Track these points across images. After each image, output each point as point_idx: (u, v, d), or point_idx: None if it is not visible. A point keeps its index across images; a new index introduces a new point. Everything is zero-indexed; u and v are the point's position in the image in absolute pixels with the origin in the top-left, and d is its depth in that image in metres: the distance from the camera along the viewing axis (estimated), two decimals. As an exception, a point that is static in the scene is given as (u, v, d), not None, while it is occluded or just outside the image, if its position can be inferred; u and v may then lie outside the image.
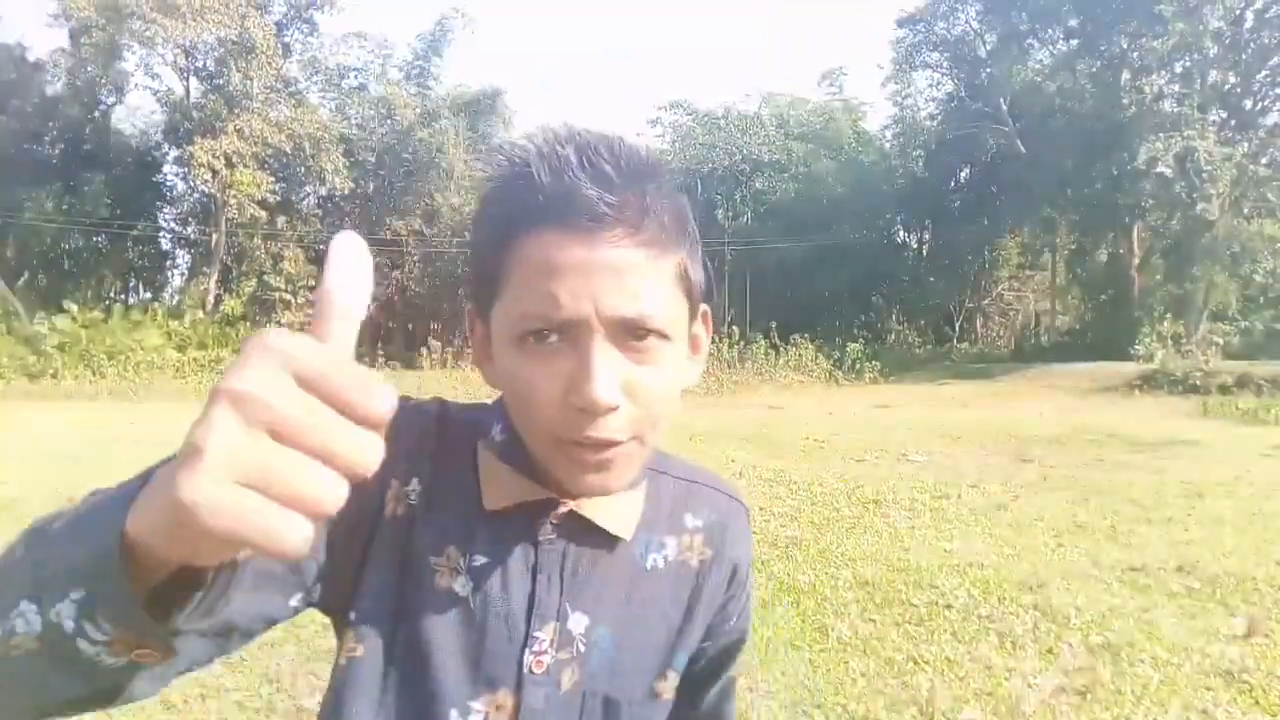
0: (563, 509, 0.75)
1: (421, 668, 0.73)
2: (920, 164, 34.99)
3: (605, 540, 0.78)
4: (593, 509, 0.76)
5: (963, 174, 34.23)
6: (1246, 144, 26.01)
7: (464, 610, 0.74)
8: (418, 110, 31.52)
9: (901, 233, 37.30)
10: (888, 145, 37.93)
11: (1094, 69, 27.79)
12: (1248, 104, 26.73)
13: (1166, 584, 4.57)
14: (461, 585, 0.74)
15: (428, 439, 0.77)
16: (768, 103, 37.84)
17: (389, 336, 31.73)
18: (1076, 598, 4.27)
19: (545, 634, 0.75)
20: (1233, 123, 26.70)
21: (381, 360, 25.15)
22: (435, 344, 25.98)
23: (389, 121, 31.86)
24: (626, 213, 0.65)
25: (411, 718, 0.73)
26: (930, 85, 34.81)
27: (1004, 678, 3.32)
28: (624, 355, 0.66)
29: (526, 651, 0.74)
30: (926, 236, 36.65)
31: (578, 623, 0.76)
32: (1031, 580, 4.56)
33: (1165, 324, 25.79)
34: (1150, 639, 3.73)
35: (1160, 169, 24.88)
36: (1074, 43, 28.64)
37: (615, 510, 0.77)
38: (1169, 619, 4.00)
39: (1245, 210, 26.24)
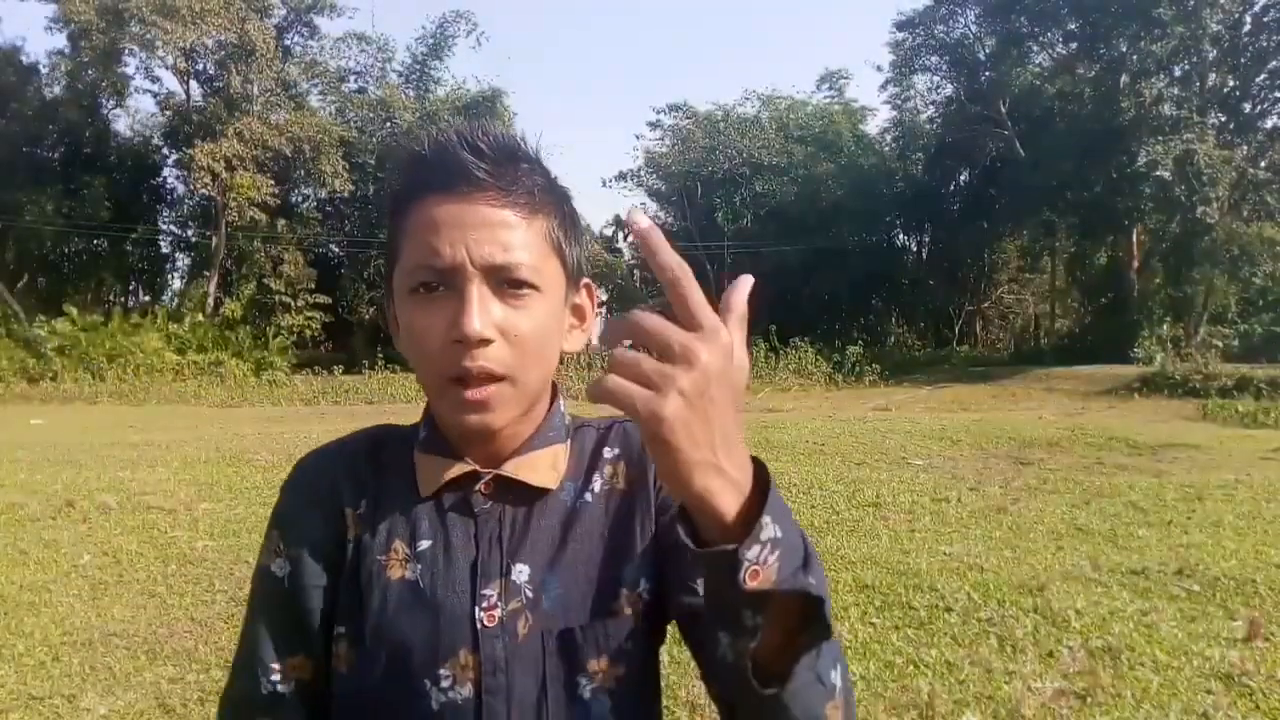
0: (487, 476, 0.83)
1: (391, 655, 0.79)
2: (920, 167, 35.06)
3: (536, 495, 0.84)
4: (516, 469, 0.83)
5: (962, 177, 34.30)
6: (1246, 147, 26.05)
7: (415, 592, 0.81)
8: (417, 113, 31.58)
9: (901, 235, 37.36)
10: (887, 148, 38.01)
11: (1093, 72, 27.83)
12: (1247, 107, 26.77)
13: (1166, 587, 4.56)
14: (411, 571, 0.81)
15: (361, 462, 0.87)
16: (768, 105, 37.90)
17: (389, 339, 31.69)
18: (1076, 601, 4.26)
19: (492, 590, 0.80)
20: (1232, 126, 26.73)
21: (382, 362, 25.13)
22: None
23: (388, 124, 31.90)
24: (498, 178, 0.77)
25: (393, 702, 0.79)
26: (930, 88, 34.95)
27: (1004, 681, 3.32)
28: (499, 301, 0.76)
29: (476, 609, 0.80)
30: (926, 239, 36.71)
31: (520, 573, 0.81)
32: (1031, 583, 4.56)
33: (1165, 327, 25.85)
34: (1150, 642, 3.73)
35: (1159, 172, 24.89)
36: (1073, 46, 28.68)
37: (537, 466, 0.84)
38: (1169, 622, 4.00)
39: (1244, 213, 26.28)
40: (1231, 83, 26.63)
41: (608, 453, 0.90)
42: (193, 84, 31.11)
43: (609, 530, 0.85)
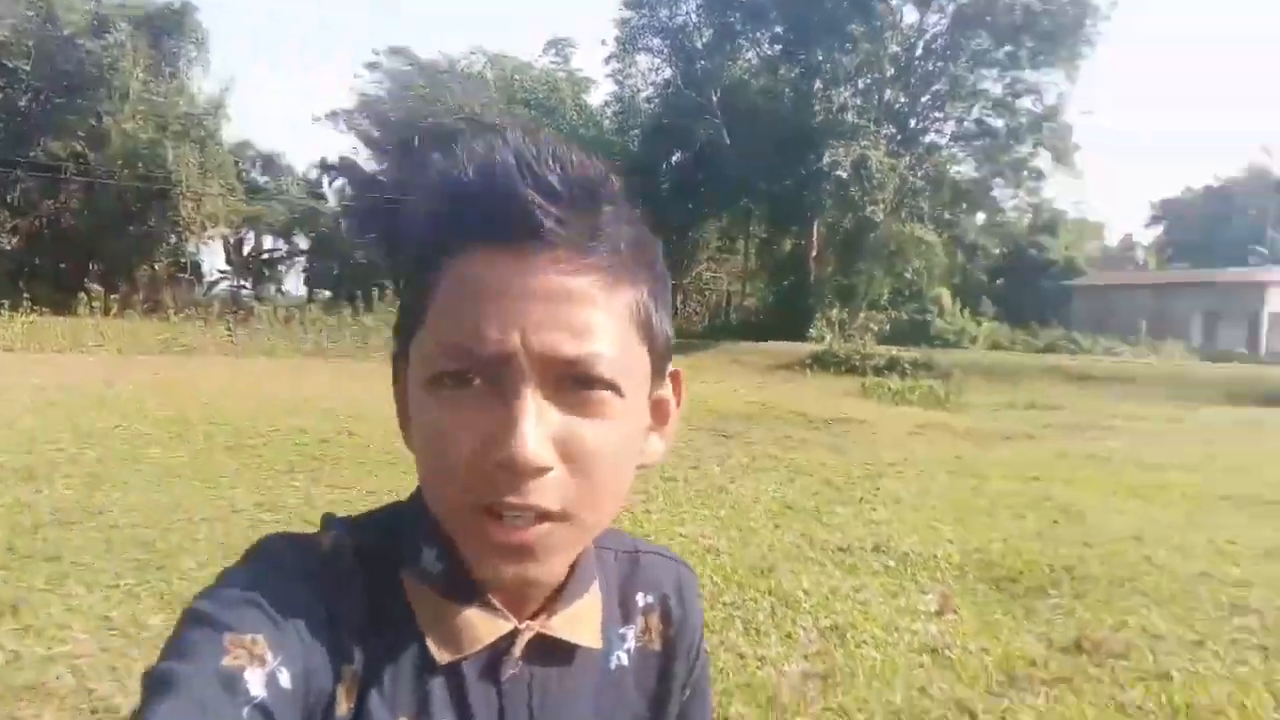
0: (527, 634, 0.63)
1: None
2: (636, 144, 36.35)
3: (571, 652, 0.66)
4: (562, 626, 0.65)
5: (674, 158, 36.09)
6: (908, 157, 29.97)
7: None
8: (88, 17, 27.17)
9: (612, 209, 38.55)
10: (607, 122, 38.94)
11: (793, 75, 30.47)
12: (912, 122, 30.81)
13: (869, 563, 5.14)
14: None
15: (358, 595, 0.60)
16: (494, 64, 37.25)
17: (36, 274, 27.27)
18: (802, 581, 4.68)
19: None
20: (899, 137, 30.63)
21: (27, 303, 21.55)
22: (96, 288, 22.76)
23: (49, 26, 27.14)
24: (572, 230, 0.56)
25: None
26: (651, 69, 36.24)
27: (756, 667, 3.56)
28: (561, 407, 0.55)
29: None
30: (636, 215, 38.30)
31: None
32: (762, 564, 4.93)
33: (834, 311, 29.12)
34: (867, 619, 4.18)
35: (839, 172, 27.93)
36: (778, 48, 31.19)
37: (582, 618, 0.66)
38: (877, 598, 4.51)
39: (903, 215, 30.28)
40: (902, 99, 30.47)
41: (640, 599, 0.73)
42: None
43: (641, 700, 0.72)
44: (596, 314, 0.56)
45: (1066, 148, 30.58)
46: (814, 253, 32.26)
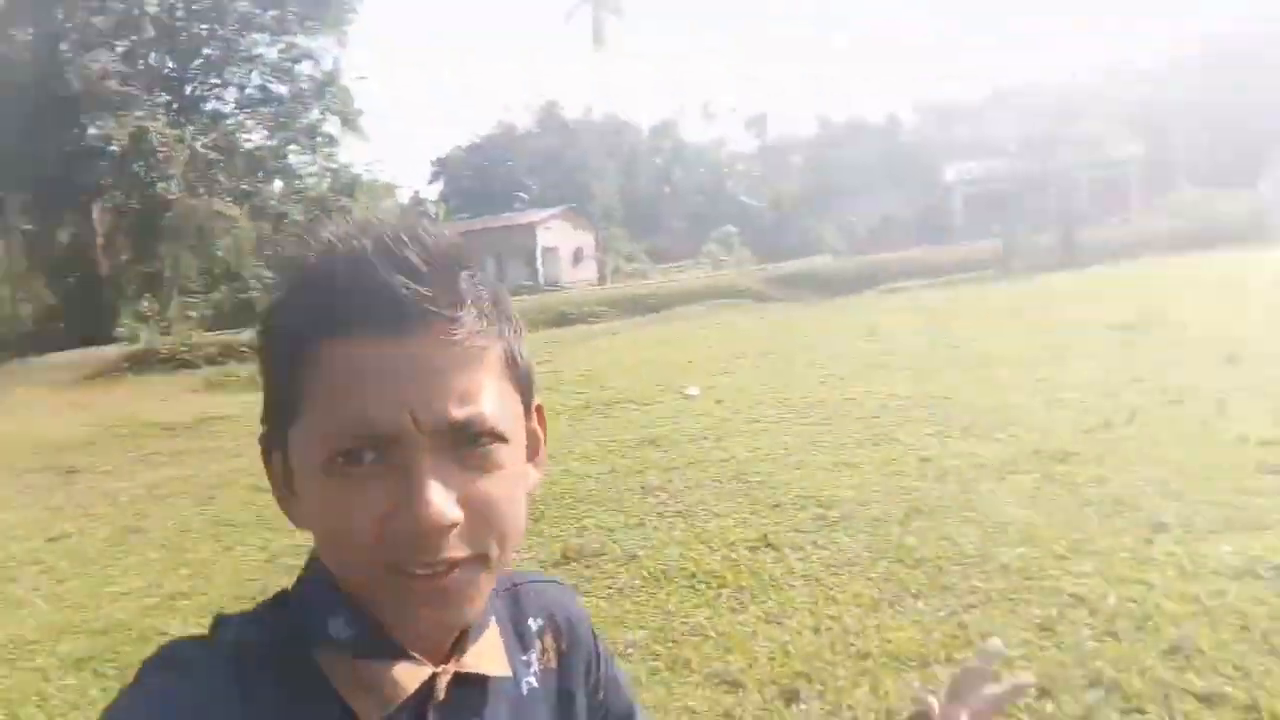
0: (445, 677, 0.65)
1: None
2: None
3: (485, 685, 0.69)
4: (474, 662, 0.67)
5: None
6: (192, 127, 27.79)
7: None
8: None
9: None
10: None
11: (30, 37, 25.55)
12: (189, 89, 28.51)
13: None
14: None
15: (268, 684, 0.60)
16: None
17: None
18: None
19: None
20: (176, 106, 28.15)
21: None
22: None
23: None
24: (441, 304, 0.58)
25: None
26: None
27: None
28: (458, 466, 0.58)
29: None
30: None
31: None
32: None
33: (143, 303, 26.08)
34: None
35: (114, 148, 24.70)
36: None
37: (488, 651, 0.69)
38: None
39: (201, 190, 28.17)
40: (171, 64, 27.92)
41: (532, 624, 0.77)
42: None
43: (561, 718, 0.76)
44: (475, 375, 0.59)
45: (351, 112, 31.70)
46: (100, 241, 28.14)
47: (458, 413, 0.58)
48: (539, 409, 0.70)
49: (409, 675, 0.63)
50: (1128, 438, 5.45)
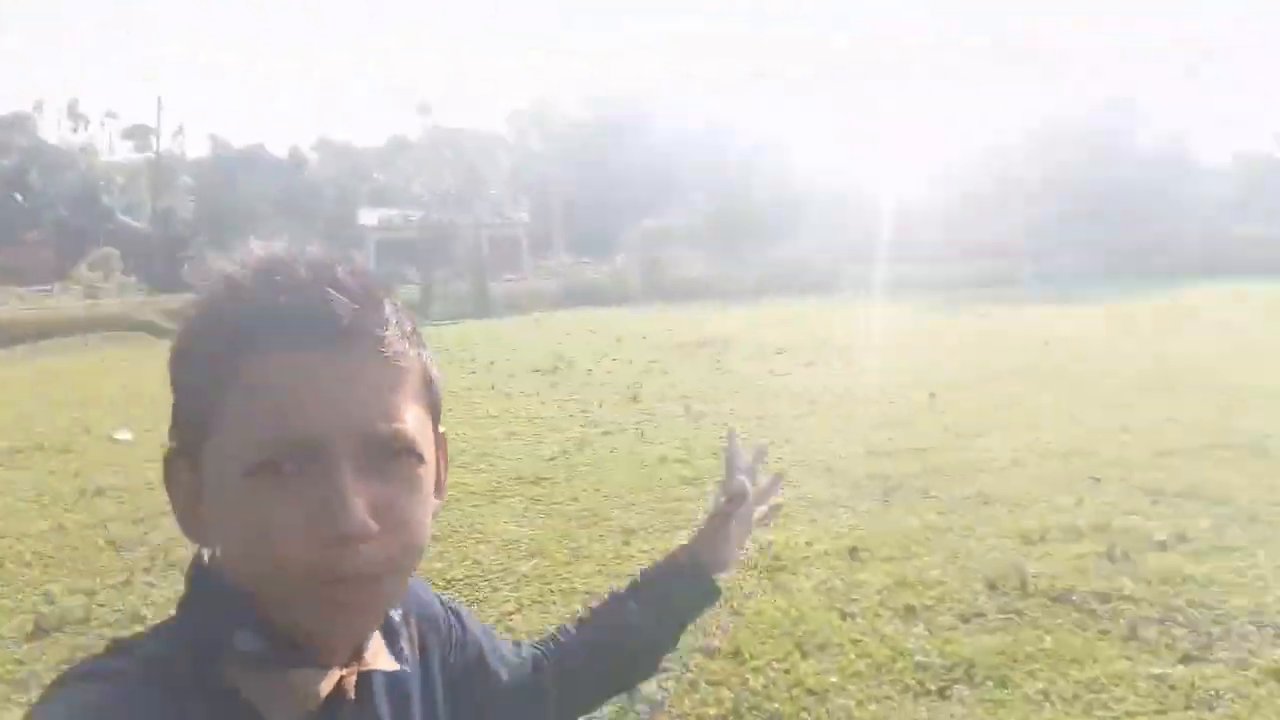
0: (352, 677, 0.67)
1: None
2: None
3: (378, 680, 0.72)
4: (372, 660, 0.70)
5: None
6: None
7: None
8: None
9: None
10: None
11: None
12: None
13: None
14: None
15: (181, 701, 0.59)
16: None
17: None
18: None
19: None
20: None
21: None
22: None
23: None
24: (370, 322, 0.61)
25: None
26: None
27: None
28: (374, 478, 0.60)
29: None
30: None
31: None
32: None
33: None
34: None
35: None
36: None
37: (378, 649, 0.71)
38: None
39: None
40: None
41: (396, 616, 0.77)
42: None
43: (443, 694, 0.81)
44: (398, 393, 0.62)
45: None
46: None
47: (383, 427, 0.60)
48: (443, 437, 0.72)
49: (318, 680, 0.64)
50: (583, 463, 6.51)
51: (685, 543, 1.10)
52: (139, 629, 2.48)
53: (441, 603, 0.87)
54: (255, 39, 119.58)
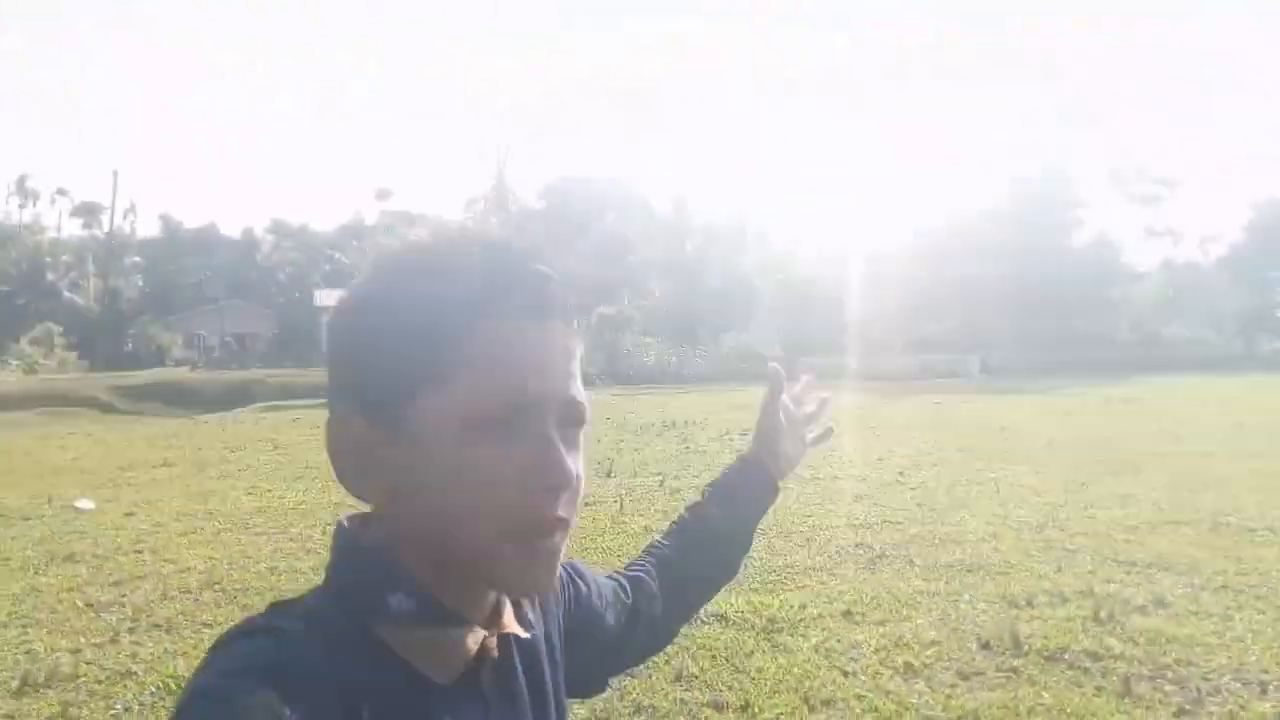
0: (494, 639, 0.70)
1: None
2: None
3: (515, 642, 0.75)
4: (510, 623, 0.73)
5: None
6: None
7: None
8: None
9: None
10: None
11: None
12: None
13: None
14: None
15: (345, 654, 0.62)
16: None
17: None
18: None
19: None
20: None
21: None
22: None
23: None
24: (569, 302, 0.69)
25: None
26: None
27: None
28: (562, 441, 0.66)
29: None
30: None
31: None
32: None
33: None
34: None
35: None
36: None
37: (513, 614, 0.74)
38: None
39: None
40: None
41: None
42: None
43: (561, 651, 0.84)
44: (578, 366, 0.69)
45: None
46: None
47: (580, 395, 0.67)
48: None
49: (472, 638, 0.69)
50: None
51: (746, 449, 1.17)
52: (130, 685, 2.49)
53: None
54: (210, 117, 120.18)
